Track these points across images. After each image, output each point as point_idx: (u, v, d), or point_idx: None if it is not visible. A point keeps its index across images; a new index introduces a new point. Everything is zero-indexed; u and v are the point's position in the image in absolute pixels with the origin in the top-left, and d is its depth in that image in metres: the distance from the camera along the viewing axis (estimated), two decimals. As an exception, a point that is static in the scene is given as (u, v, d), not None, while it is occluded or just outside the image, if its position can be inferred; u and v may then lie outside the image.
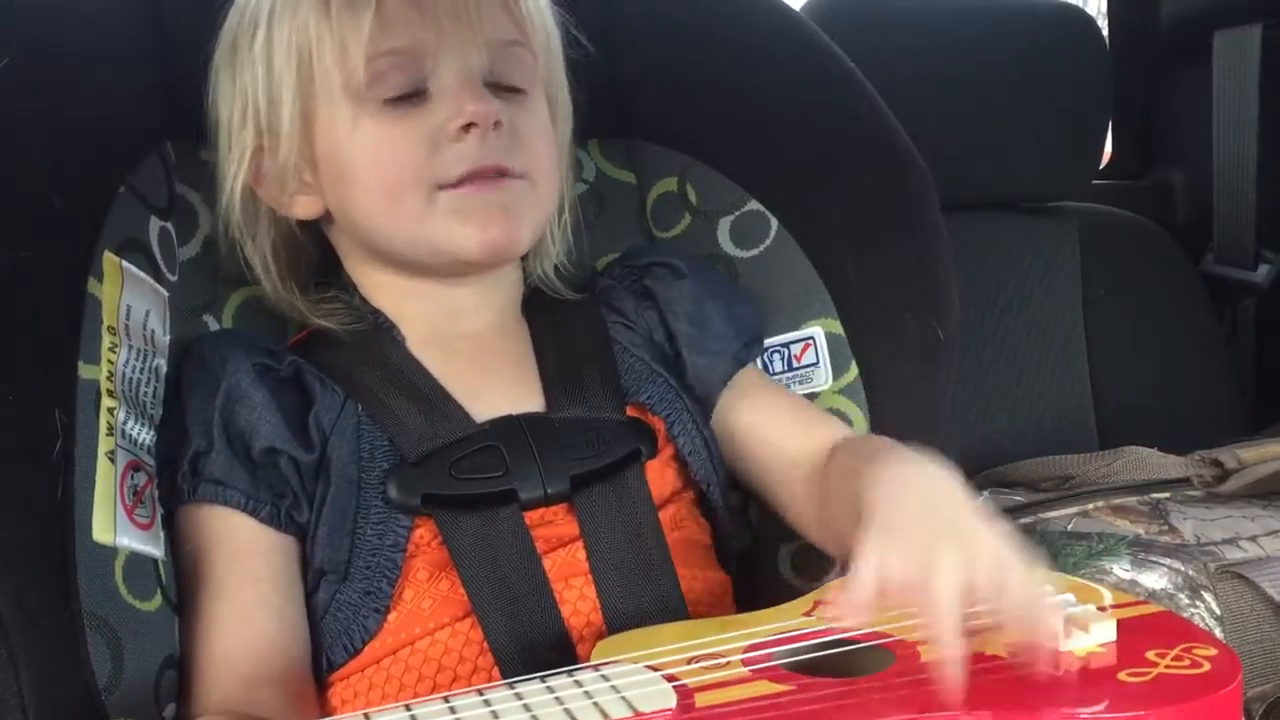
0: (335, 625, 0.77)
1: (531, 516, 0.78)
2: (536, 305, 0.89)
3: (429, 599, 0.76)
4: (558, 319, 0.88)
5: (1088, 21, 1.60)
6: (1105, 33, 1.74)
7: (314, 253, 0.87)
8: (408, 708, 0.58)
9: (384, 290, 0.85)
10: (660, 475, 0.83)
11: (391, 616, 0.76)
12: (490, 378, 0.83)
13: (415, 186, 0.78)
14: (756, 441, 0.87)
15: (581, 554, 0.78)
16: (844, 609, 0.61)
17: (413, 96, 0.78)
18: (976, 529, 0.63)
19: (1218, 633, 0.97)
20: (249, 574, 0.76)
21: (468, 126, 0.77)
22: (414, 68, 0.77)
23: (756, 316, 0.91)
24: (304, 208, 0.83)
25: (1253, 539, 1.06)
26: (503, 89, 0.80)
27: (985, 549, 0.61)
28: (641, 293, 0.90)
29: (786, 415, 0.88)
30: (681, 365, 0.88)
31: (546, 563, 0.77)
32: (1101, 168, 1.76)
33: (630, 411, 0.84)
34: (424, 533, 0.77)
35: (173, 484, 0.77)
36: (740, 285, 0.94)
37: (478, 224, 0.78)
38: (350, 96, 0.78)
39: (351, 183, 0.79)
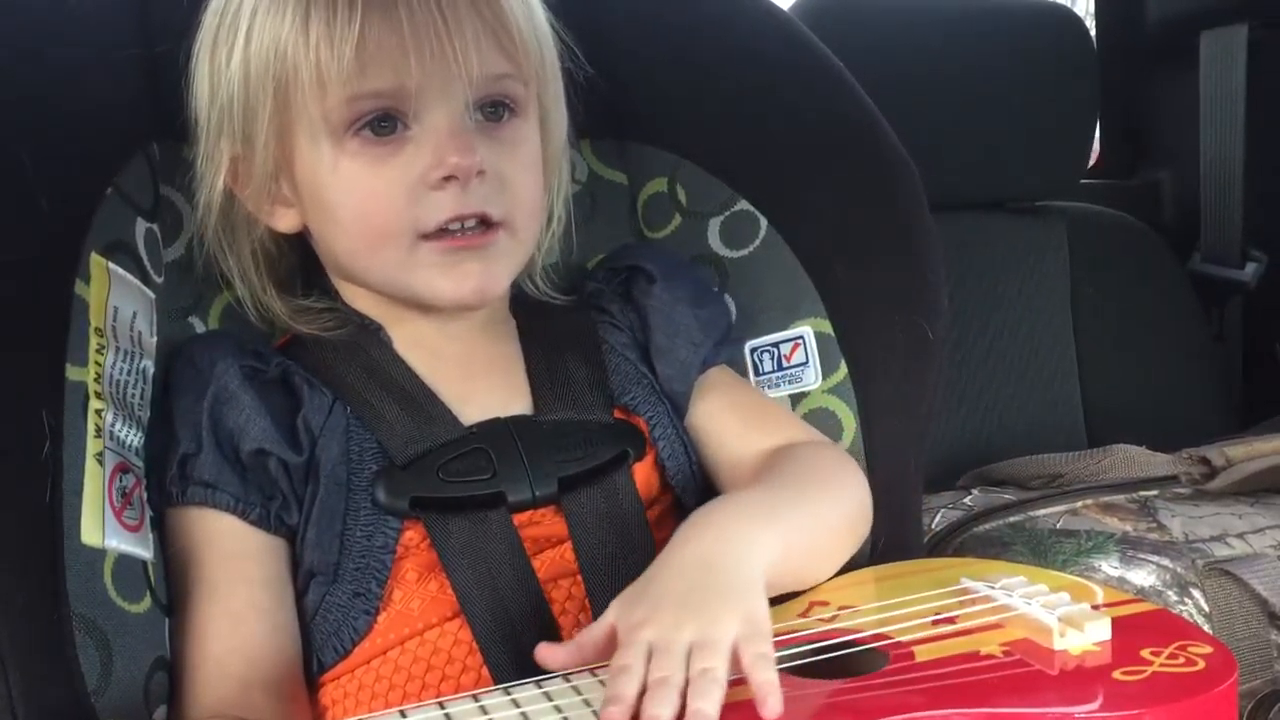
0: (325, 626, 0.77)
1: (520, 518, 0.78)
2: (525, 307, 0.89)
3: (418, 599, 0.76)
4: (546, 321, 0.88)
5: (1075, 21, 1.60)
6: (1093, 33, 1.75)
7: (294, 260, 0.86)
8: (403, 714, 0.58)
9: (367, 301, 0.84)
10: (647, 477, 0.83)
11: (381, 617, 0.76)
12: (478, 380, 0.83)
13: (397, 236, 0.77)
14: (711, 442, 0.87)
15: (570, 554, 0.78)
16: (551, 656, 0.64)
17: (394, 136, 0.76)
18: (716, 603, 0.63)
19: (1206, 630, 0.98)
20: (240, 576, 0.76)
21: (450, 177, 0.75)
22: (396, 108, 0.75)
23: (726, 316, 0.91)
24: (284, 221, 0.82)
25: (1240, 536, 1.06)
26: (489, 122, 0.78)
27: (704, 623, 0.61)
28: (625, 295, 0.90)
29: (737, 417, 0.87)
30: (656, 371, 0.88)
31: (536, 563, 0.77)
32: (1089, 167, 1.77)
33: (617, 413, 0.84)
34: (413, 534, 0.77)
35: (161, 486, 0.76)
36: (729, 285, 0.94)
37: (455, 278, 0.78)
38: (329, 133, 0.76)
39: (333, 223, 0.79)
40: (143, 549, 0.73)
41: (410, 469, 0.78)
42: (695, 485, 0.86)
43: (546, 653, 0.64)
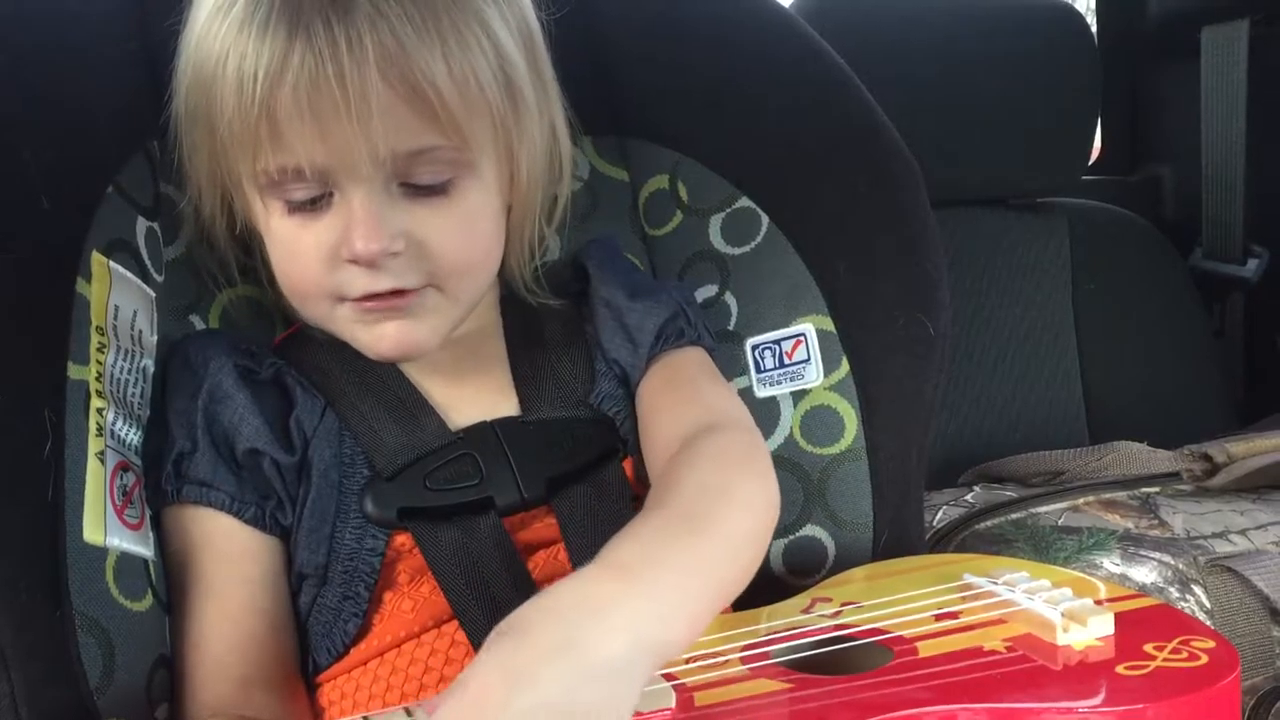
0: (318, 628, 0.77)
1: (512, 521, 0.78)
2: (513, 308, 0.88)
3: (409, 600, 0.76)
4: (532, 320, 0.87)
5: (1076, 18, 1.60)
6: (1094, 29, 1.75)
7: None
8: (408, 712, 0.58)
9: None
10: (636, 471, 0.83)
11: (374, 620, 0.76)
12: (467, 384, 0.83)
13: (317, 296, 0.77)
14: (641, 430, 0.84)
15: (564, 555, 0.78)
16: None
17: (318, 202, 0.74)
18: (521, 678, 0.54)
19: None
20: (238, 576, 0.76)
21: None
22: (314, 181, 0.72)
23: (665, 306, 0.86)
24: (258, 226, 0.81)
25: (1242, 532, 1.06)
26: (416, 188, 0.74)
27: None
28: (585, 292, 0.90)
29: (655, 402, 0.84)
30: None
31: (530, 565, 0.77)
32: (1091, 164, 1.76)
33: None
34: (405, 539, 0.77)
35: (157, 485, 0.76)
36: (731, 282, 0.94)
37: (374, 336, 0.78)
38: (257, 189, 0.75)
39: (273, 265, 0.79)
40: (144, 547, 0.73)
41: (397, 480, 0.78)
42: None
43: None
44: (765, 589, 0.82)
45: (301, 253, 0.75)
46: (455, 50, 0.72)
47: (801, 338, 0.91)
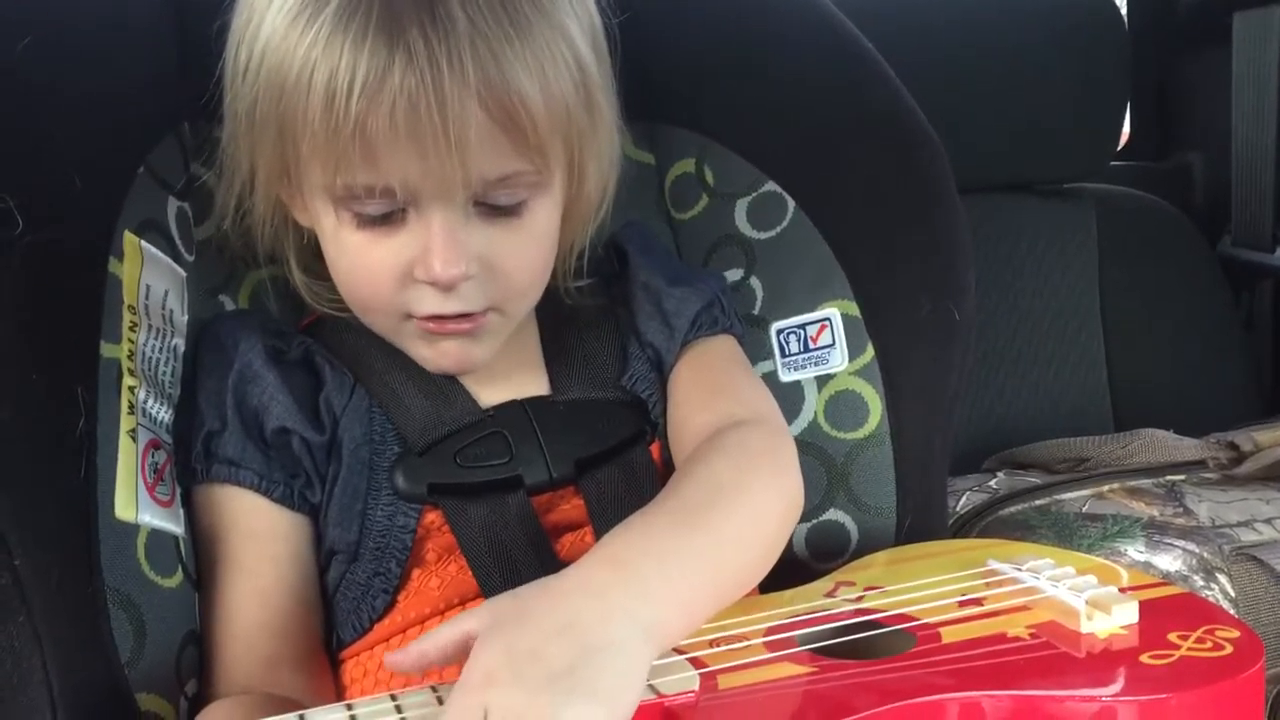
0: (345, 605, 0.78)
1: (540, 502, 0.79)
2: (546, 290, 0.88)
3: (437, 578, 0.77)
4: (564, 302, 0.87)
5: (1106, 2, 1.59)
6: (1124, 13, 1.73)
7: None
8: (434, 689, 0.59)
9: None
10: (663, 454, 0.83)
11: (400, 596, 0.77)
12: (498, 363, 0.83)
13: (385, 310, 0.77)
14: (669, 416, 0.84)
15: (591, 538, 0.78)
16: (394, 660, 0.61)
17: (390, 217, 0.72)
18: (580, 696, 0.54)
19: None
20: (266, 554, 0.77)
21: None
22: (395, 199, 0.71)
23: (704, 293, 0.87)
24: (303, 217, 0.80)
25: (1268, 521, 1.06)
26: (492, 209, 0.74)
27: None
28: (620, 275, 0.89)
29: (686, 391, 0.84)
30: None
31: (557, 546, 0.78)
32: (1119, 149, 1.75)
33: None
34: (434, 517, 0.78)
35: (186, 463, 0.77)
36: (757, 266, 0.94)
37: (436, 353, 0.78)
38: (330, 199, 0.73)
39: (332, 270, 0.78)
40: (174, 524, 0.74)
41: (428, 455, 0.79)
42: None
43: (393, 657, 0.62)
44: (788, 572, 0.82)
45: (372, 268, 0.74)
46: (548, 71, 0.71)
47: (827, 322, 0.91)
